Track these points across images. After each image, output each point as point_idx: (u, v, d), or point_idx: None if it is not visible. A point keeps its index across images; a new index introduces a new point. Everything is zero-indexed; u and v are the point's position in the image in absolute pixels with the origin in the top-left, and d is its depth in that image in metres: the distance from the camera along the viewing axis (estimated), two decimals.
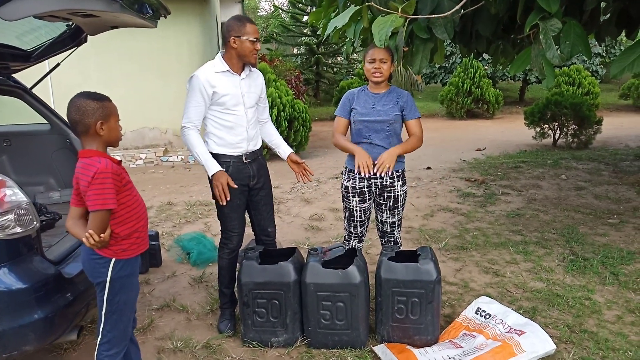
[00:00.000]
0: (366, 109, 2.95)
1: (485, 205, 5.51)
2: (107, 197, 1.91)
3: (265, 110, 3.13)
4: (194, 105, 2.78)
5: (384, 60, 2.85)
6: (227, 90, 2.79)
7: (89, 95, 1.99)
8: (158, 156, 8.72)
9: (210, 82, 2.75)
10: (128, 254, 2.06)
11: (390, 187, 3.01)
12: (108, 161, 1.95)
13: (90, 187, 1.90)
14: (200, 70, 2.78)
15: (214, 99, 2.79)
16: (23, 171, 3.60)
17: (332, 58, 19.69)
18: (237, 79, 2.84)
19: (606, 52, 17.38)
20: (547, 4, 2.48)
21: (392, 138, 2.95)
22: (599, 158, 7.99)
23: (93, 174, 1.89)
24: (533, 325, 2.68)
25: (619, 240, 4.31)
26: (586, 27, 3.67)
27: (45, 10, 2.07)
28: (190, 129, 2.80)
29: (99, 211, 1.90)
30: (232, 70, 2.82)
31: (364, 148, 2.94)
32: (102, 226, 1.92)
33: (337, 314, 2.73)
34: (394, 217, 3.08)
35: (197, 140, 2.80)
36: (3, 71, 3.30)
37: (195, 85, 2.76)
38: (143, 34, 7.87)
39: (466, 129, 12.70)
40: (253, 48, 2.76)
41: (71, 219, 2.04)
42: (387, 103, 2.94)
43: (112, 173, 1.93)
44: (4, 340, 2.11)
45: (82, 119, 1.95)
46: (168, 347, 2.87)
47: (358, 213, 3.08)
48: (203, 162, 2.79)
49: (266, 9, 31.98)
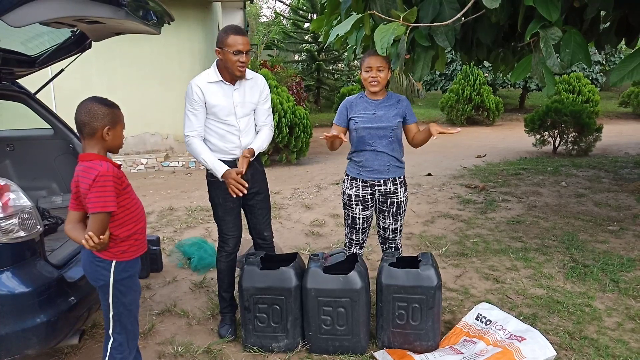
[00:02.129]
0: (367, 116, 2.96)
1: (485, 211, 5.52)
2: (107, 200, 1.93)
3: (263, 112, 2.99)
4: (193, 114, 2.80)
5: (380, 68, 2.86)
6: (218, 101, 2.79)
7: (101, 101, 2.03)
8: (159, 161, 8.73)
9: (202, 91, 2.77)
10: (128, 255, 2.09)
11: (394, 194, 3.02)
12: (109, 164, 1.98)
13: (91, 189, 1.92)
14: (195, 80, 2.80)
15: (207, 107, 2.81)
16: (26, 175, 3.62)
17: (333, 65, 19.74)
18: (230, 89, 2.83)
19: (606, 60, 17.44)
20: (548, 13, 2.51)
21: (394, 144, 2.97)
22: (599, 165, 8.01)
23: (94, 176, 1.92)
24: (533, 332, 2.68)
25: (619, 248, 4.32)
26: (586, 36, 3.70)
27: (52, 17, 2.09)
28: (193, 138, 2.81)
29: (99, 213, 1.93)
30: (224, 80, 2.81)
31: (368, 156, 2.96)
32: (102, 228, 1.94)
33: (338, 320, 2.74)
34: (396, 224, 3.10)
35: (201, 147, 2.81)
36: (8, 76, 3.32)
37: (190, 94, 2.78)
38: (145, 40, 7.91)
39: (466, 136, 12.72)
40: (236, 60, 2.69)
41: (70, 222, 2.06)
42: (388, 109, 2.96)
43: (113, 176, 1.96)
44: (7, 344, 2.12)
45: (90, 121, 1.98)
46: (169, 352, 2.87)
47: (361, 221, 3.09)
48: (211, 167, 2.79)
49: (268, 16, 32.14)
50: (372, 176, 2.98)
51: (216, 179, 2.84)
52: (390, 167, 2.98)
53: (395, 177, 3.01)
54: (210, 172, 2.90)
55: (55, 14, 2.08)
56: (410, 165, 7.83)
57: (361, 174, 3.01)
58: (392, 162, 2.98)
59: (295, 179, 7.62)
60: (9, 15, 1.90)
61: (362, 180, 3.01)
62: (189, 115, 2.81)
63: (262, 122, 3.02)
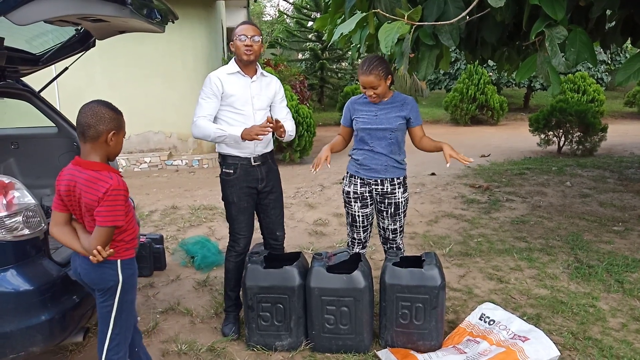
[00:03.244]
0: (368, 117, 2.95)
1: (489, 211, 5.50)
2: (117, 214, 1.93)
3: (282, 109, 3.07)
4: (205, 101, 2.85)
5: (374, 86, 2.83)
6: (235, 90, 2.86)
7: (107, 105, 2.00)
8: (162, 160, 8.74)
9: (221, 81, 2.85)
10: (130, 253, 2.11)
11: (391, 194, 3.02)
12: (119, 178, 1.96)
13: (102, 202, 1.90)
14: (214, 72, 2.91)
15: (223, 98, 2.86)
16: (30, 174, 3.62)
17: (337, 63, 19.71)
18: (248, 80, 2.90)
19: (611, 59, 17.35)
20: (553, 12, 2.50)
21: (393, 146, 2.97)
22: (604, 165, 7.98)
23: (106, 190, 1.90)
24: (537, 332, 2.68)
25: (624, 248, 4.30)
26: (591, 35, 3.68)
27: (56, 15, 2.09)
28: (200, 118, 2.81)
29: (108, 227, 1.92)
30: (242, 72, 2.89)
31: (366, 155, 2.96)
32: (108, 241, 1.95)
33: (341, 319, 2.74)
34: (395, 224, 3.09)
35: (207, 122, 2.81)
36: (12, 74, 3.33)
37: (207, 83, 2.86)
38: (149, 38, 7.88)
39: (470, 135, 12.69)
40: (242, 44, 2.81)
41: (56, 225, 2.04)
42: (390, 111, 2.94)
43: (124, 190, 1.96)
44: (12, 341, 2.13)
45: (96, 124, 1.94)
46: (172, 350, 2.88)
47: (360, 218, 3.09)
48: (226, 135, 2.75)
49: (271, 14, 32.15)
50: (370, 175, 2.99)
51: (231, 177, 2.88)
52: (387, 167, 2.97)
53: (393, 178, 3.00)
54: (224, 171, 2.93)
55: (59, 12, 2.08)
56: (414, 165, 7.81)
57: (359, 171, 3.01)
58: (390, 162, 2.97)
59: (298, 178, 7.62)
60: (14, 13, 1.90)
61: (360, 178, 3.01)
62: (201, 102, 2.85)
63: (284, 117, 3.06)
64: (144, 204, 6.05)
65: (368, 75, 2.80)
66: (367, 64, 2.82)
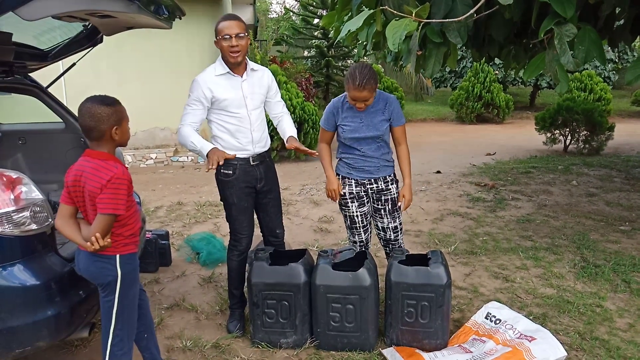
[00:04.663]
0: (354, 124, 2.90)
1: (495, 210, 5.48)
2: (119, 203, 1.94)
3: (277, 105, 3.05)
4: (191, 109, 2.77)
5: (367, 99, 2.78)
6: (227, 94, 2.76)
7: (102, 101, 1.99)
8: (168, 156, 8.77)
9: (209, 86, 2.73)
10: (130, 248, 2.11)
11: (386, 190, 3.02)
12: (124, 168, 1.99)
13: (105, 190, 1.92)
14: (201, 75, 2.77)
15: (214, 103, 2.77)
16: (37, 169, 3.63)
17: (342, 61, 19.65)
18: (239, 80, 2.80)
19: (619, 57, 17.23)
20: (563, 9, 2.48)
21: (382, 148, 2.97)
22: (611, 164, 7.93)
23: (110, 177, 1.92)
24: (544, 332, 2.66)
25: (630, 248, 4.28)
26: (600, 33, 3.65)
27: (64, 11, 2.10)
28: (184, 126, 2.76)
29: (108, 215, 1.93)
30: (232, 72, 2.77)
31: (357, 159, 2.96)
32: (108, 230, 1.95)
33: (346, 316, 2.73)
34: (394, 221, 3.07)
35: (189, 131, 2.73)
36: (20, 70, 3.34)
37: (194, 89, 2.75)
38: (155, 34, 7.88)
39: (476, 133, 12.64)
40: (227, 46, 2.66)
41: (61, 217, 2.05)
42: (375, 115, 2.90)
43: (127, 180, 1.97)
44: (18, 336, 2.14)
45: (97, 125, 1.96)
46: (177, 346, 2.88)
47: (359, 218, 3.07)
48: (199, 148, 2.67)
49: (277, 12, 32.11)
50: (363, 175, 2.98)
51: (230, 177, 2.84)
52: (379, 167, 2.98)
53: (385, 176, 3.00)
54: (222, 172, 2.85)
55: (68, 8, 2.09)
56: (420, 163, 7.79)
57: (352, 173, 3.00)
58: (382, 163, 2.99)
59: (303, 175, 7.62)
60: (22, 8, 1.91)
61: (353, 179, 3.00)
62: (187, 108, 2.79)
63: (280, 112, 3.03)
64: (150, 200, 6.07)
65: (362, 91, 2.71)
66: (359, 79, 2.69)
